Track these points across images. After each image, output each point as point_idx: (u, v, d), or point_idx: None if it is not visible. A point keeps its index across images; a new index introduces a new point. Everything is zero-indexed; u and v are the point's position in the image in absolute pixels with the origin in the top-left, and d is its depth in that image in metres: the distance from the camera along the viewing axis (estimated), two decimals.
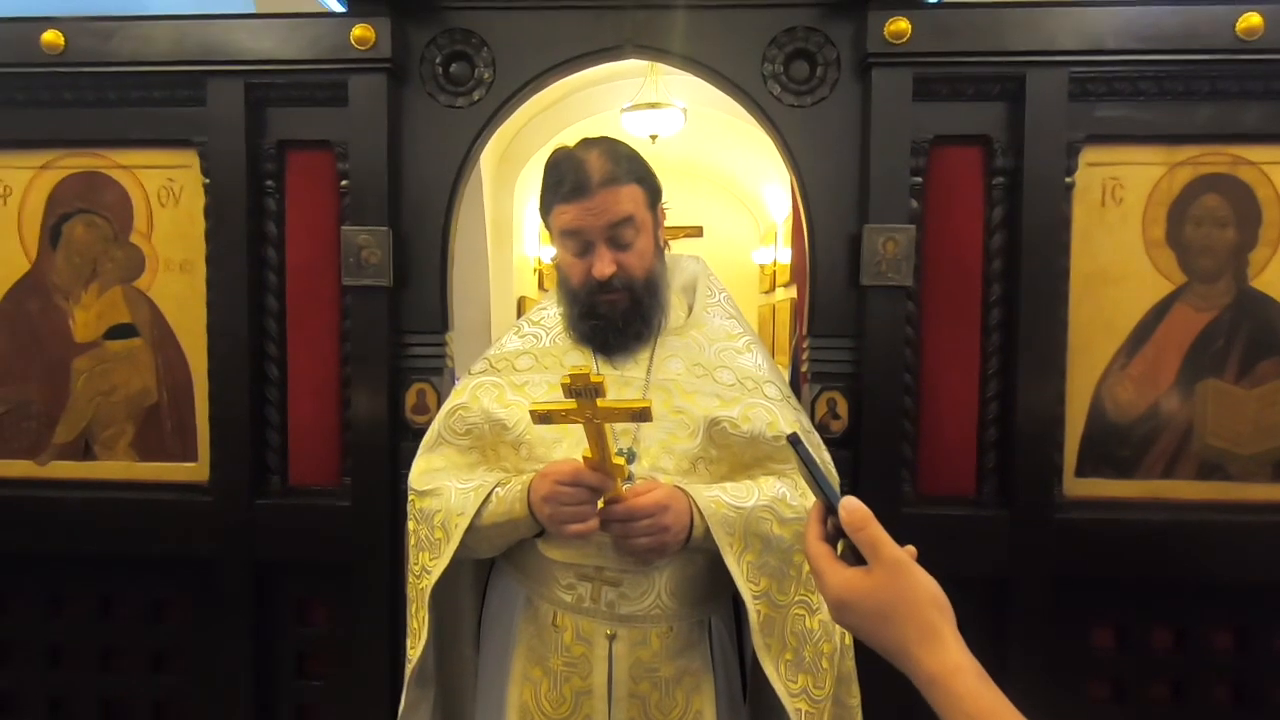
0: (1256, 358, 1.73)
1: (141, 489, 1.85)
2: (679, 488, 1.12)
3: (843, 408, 1.77)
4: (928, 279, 1.76)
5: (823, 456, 1.24)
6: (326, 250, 1.81)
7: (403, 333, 1.82)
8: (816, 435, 1.29)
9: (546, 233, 1.28)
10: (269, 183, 1.82)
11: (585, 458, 1.04)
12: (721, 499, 1.11)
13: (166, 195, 1.85)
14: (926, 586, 0.66)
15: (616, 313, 1.19)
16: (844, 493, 0.72)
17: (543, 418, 1.03)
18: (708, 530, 1.10)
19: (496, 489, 1.15)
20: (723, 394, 1.18)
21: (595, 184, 1.14)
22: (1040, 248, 1.69)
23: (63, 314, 1.87)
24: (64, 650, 1.92)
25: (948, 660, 0.62)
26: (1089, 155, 1.72)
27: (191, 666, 1.87)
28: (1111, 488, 1.75)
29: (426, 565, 1.20)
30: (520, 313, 6.28)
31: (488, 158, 5.38)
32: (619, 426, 1.14)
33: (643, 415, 1.00)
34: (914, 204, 1.72)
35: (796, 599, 1.14)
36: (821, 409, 1.78)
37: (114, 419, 1.86)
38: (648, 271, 1.20)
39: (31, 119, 1.82)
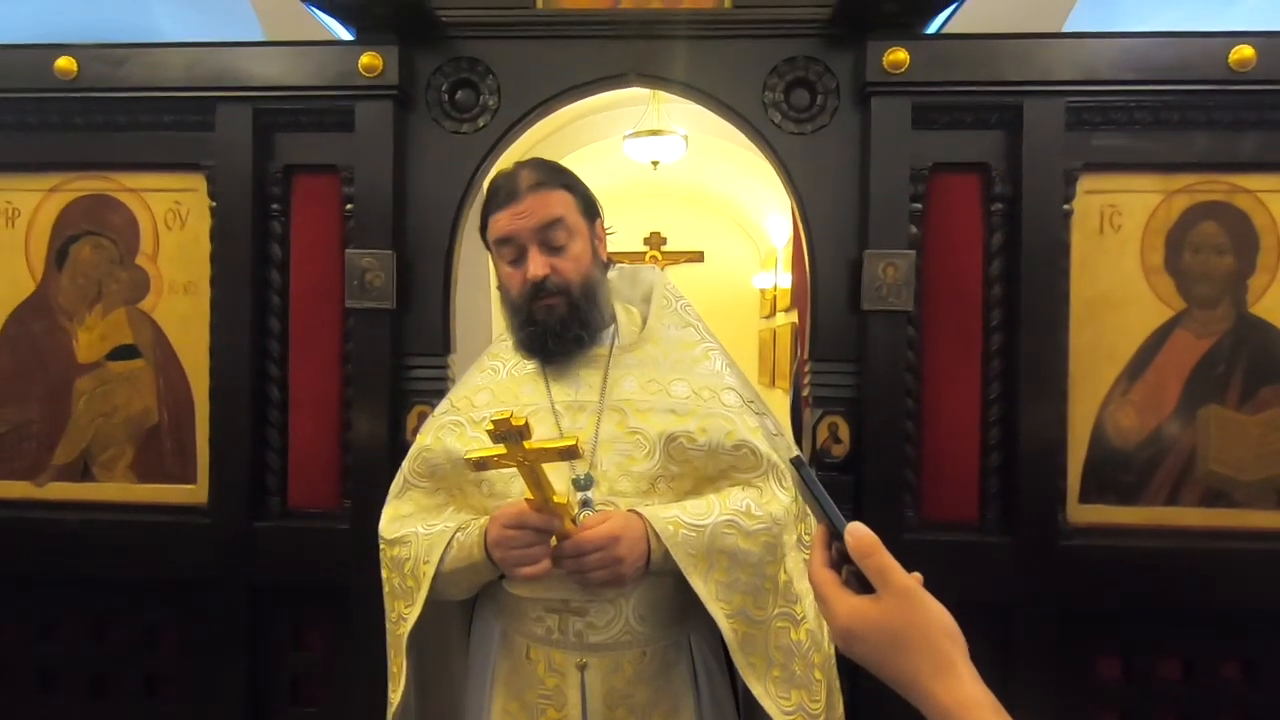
0: (1258, 384, 1.73)
1: (139, 511, 1.84)
2: (635, 512, 1.10)
3: (844, 432, 1.77)
4: (928, 304, 1.76)
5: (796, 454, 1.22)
6: (330, 273, 1.83)
7: (405, 355, 1.82)
8: (788, 437, 1.26)
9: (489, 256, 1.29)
10: (275, 206, 1.84)
11: (527, 499, 1.04)
12: (680, 519, 1.09)
13: (173, 218, 1.86)
14: (939, 616, 0.64)
15: (554, 318, 1.17)
16: (847, 518, 0.71)
17: (479, 464, 1.02)
18: (667, 553, 1.08)
19: (457, 534, 1.15)
20: (677, 408, 1.16)
21: (524, 189, 1.17)
22: (1040, 273, 1.70)
23: (66, 335, 1.87)
24: (56, 674, 1.89)
25: (962, 693, 0.61)
26: (1086, 183, 1.73)
27: (184, 692, 1.84)
28: (1115, 514, 1.74)
29: (402, 613, 1.20)
30: None
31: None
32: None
33: (570, 453, 0.99)
34: (914, 230, 1.73)
35: (777, 613, 1.11)
36: (823, 433, 1.77)
37: (114, 440, 1.86)
38: (584, 277, 1.19)
39: (42, 142, 1.84)
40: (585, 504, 1.12)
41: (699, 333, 1.28)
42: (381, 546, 1.23)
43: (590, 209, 1.24)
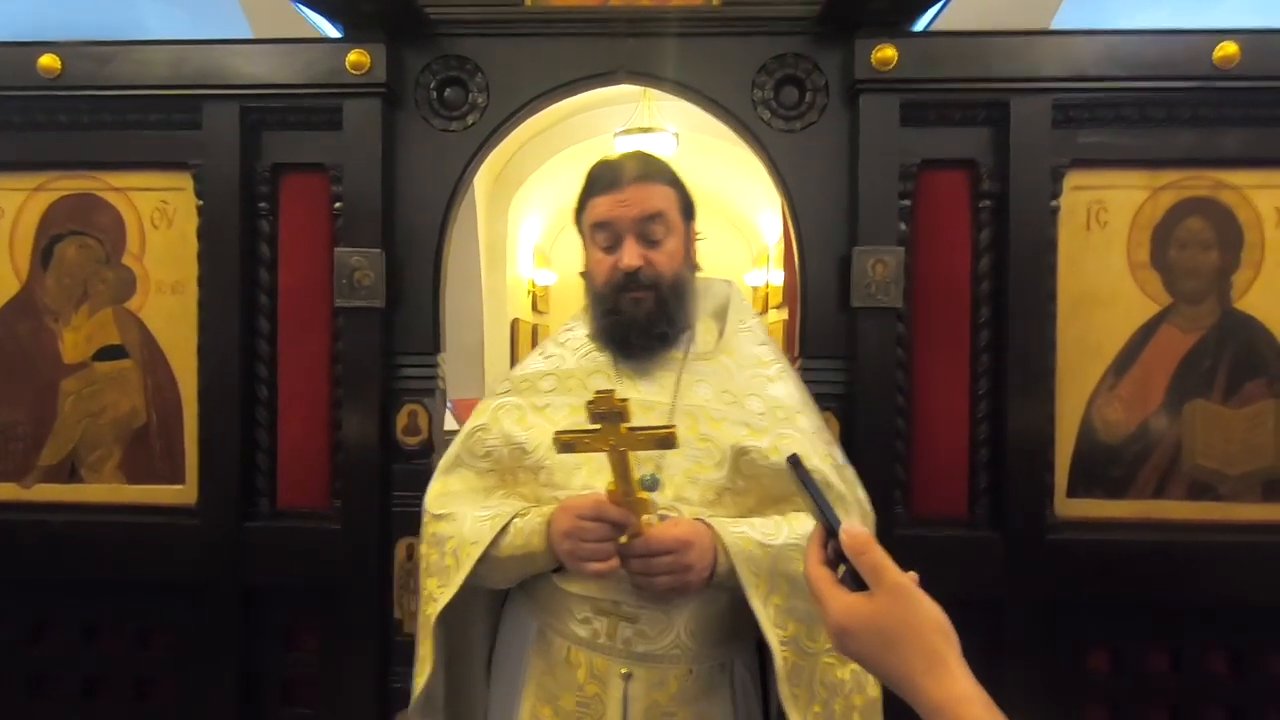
0: (1243, 378, 1.74)
1: (128, 512, 1.82)
2: (703, 521, 1.07)
3: (835, 429, 1.77)
4: (917, 301, 1.77)
5: (857, 494, 1.19)
6: (319, 272, 1.82)
7: (394, 354, 1.82)
8: (851, 470, 1.22)
9: (580, 239, 1.25)
10: (262, 205, 1.82)
11: (609, 491, 1.00)
12: (748, 535, 1.06)
13: (160, 217, 1.85)
14: (931, 613, 0.65)
15: (640, 311, 1.15)
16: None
17: (566, 445, 0.99)
18: (732, 568, 1.04)
19: (515, 520, 1.12)
20: (752, 423, 1.14)
21: (629, 178, 1.16)
22: (1027, 270, 1.71)
23: (52, 335, 1.86)
24: (45, 678, 1.87)
25: (954, 689, 0.61)
26: (1073, 179, 1.74)
27: (176, 694, 1.83)
28: (1103, 508, 1.75)
29: (433, 592, 1.16)
30: (514, 335, 6.29)
31: (481, 180, 5.43)
32: (641, 453, 1.08)
33: (668, 442, 0.96)
34: (902, 227, 1.74)
35: (827, 647, 1.07)
36: None
37: (101, 441, 1.85)
38: (676, 274, 1.17)
39: (26, 141, 1.82)
40: None
41: (773, 352, 1.25)
42: (425, 519, 1.21)
43: (689, 209, 1.23)
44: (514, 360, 6.22)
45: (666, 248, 1.17)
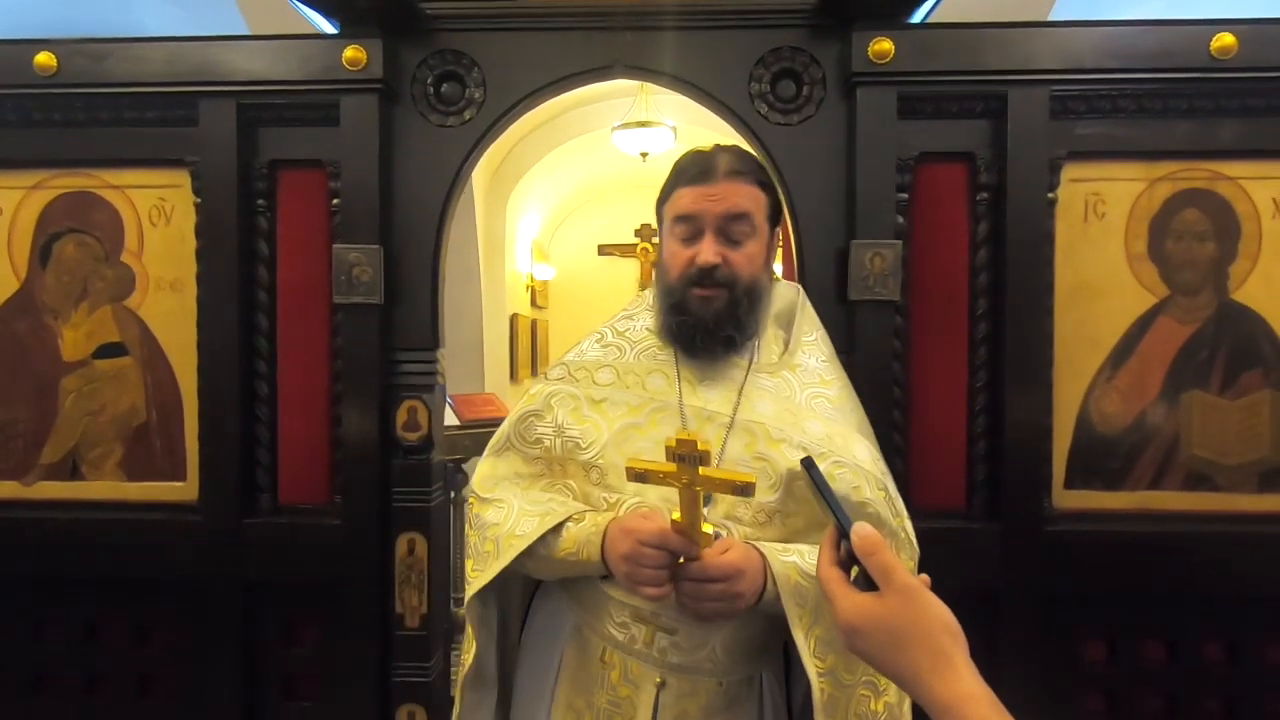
0: (1239, 369, 1.75)
1: (129, 509, 1.83)
2: (754, 547, 1.07)
3: None
4: (915, 294, 1.77)
5: (906, 527, 1.17)
6: (318, 268, 1.82)
7: (394, 350, 1.82)
8: (901, 502, 1.18)
9: (658, 226, 1.24)
10: (260, 201, 1.83)
11: (673, 520, 1.01)
12: (798, 565, 1.05)
13: (158, 214, 1.85)
14: (939, 613, 0.66)
15: (709, 312, 1.13)
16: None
17: (639, 476, 0.99)
18: (778, 595, 1.05)
19: (568, 523, 1.12)
20: (810, 447, 1.11)
21: (721, 172, 1.14)
22: (1025, 262, 1.71)
23: (52, 333, 1.86)
24: (47, 675, 1.88)
25: (961, 688, 0.62)
26: (1071, 171, 1.75)
27: (178, 691, 1.85)
28: (1100, 499, 1.76)
29: (469, 576, 1.18)
30: (513, 329, 6.28)
31: (480, 175, 5.41)
32: None
33: (745, 490, 0.96)
34: (900, 220, 1.74)
35: (863, 679, 1.07)
36: None
37: (102, 438, 1.85)
38: (753, 278, 1.14)
39: (23, 139, 1.83)
40: None
41: (834, 370, 1.23)
42: (471, 500, 1.22)
43: (776, 214, 1.20)
44: (514, 356, 6.22)
45: (747, 249, 1.14)
